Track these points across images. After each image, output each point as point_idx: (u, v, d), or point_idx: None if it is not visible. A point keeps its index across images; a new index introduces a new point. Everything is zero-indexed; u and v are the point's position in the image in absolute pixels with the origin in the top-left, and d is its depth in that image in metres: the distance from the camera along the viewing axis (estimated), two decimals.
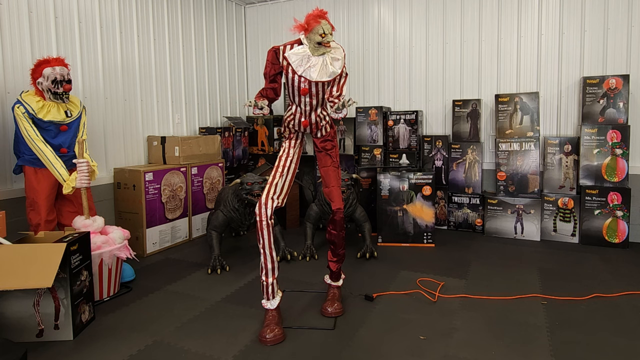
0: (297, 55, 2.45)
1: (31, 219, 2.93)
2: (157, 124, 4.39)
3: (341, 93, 2.48)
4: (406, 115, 4.55)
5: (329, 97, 2.48)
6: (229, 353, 2.23)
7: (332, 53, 2.46)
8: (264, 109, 2.41)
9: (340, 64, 2.48)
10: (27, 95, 2.86)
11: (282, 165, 2.55)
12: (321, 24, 2.37)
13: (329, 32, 2.38)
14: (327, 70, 2.44)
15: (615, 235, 3.85)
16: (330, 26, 2.39)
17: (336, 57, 2.48)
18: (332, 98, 2.46)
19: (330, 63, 2.45)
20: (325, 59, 2.44)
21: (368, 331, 2.44)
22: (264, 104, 2.41)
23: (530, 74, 4.32)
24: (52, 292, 2.35)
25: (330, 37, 2.39)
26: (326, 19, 2.40)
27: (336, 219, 2.54)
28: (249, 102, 2.39)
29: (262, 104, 2.39)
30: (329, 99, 2.47)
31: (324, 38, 2.38)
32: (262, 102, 2.41)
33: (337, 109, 2.32)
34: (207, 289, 3.04)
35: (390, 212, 4.02)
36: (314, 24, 2.37)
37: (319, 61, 2.44)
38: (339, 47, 2.52)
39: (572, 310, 2.64)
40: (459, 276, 3.22)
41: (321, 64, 2.44)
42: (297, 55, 2.45)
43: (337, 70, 2.46)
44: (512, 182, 4.22)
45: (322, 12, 2.40)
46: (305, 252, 3.67)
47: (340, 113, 2.36)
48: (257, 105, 2.38)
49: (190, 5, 4.79)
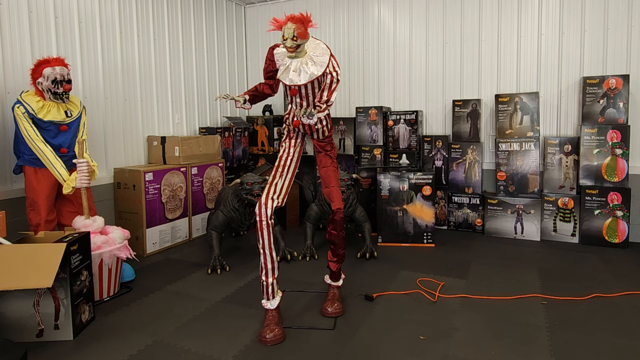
0: (279, 54, 2.46)
1: (31, 219, 2.93)
2: (157, 124, 4.39)
3: (329, 99, 2.40)
4: (406, 115, 4.55)
5: (317, 100, 2.44)
6: (229, 353, 2.23)
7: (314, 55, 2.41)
8: (244, 104, 2.41)
9: (321, 67, 2.39)
10: (27, 95, 2.86)
11: (282, 165, 2.56)
12: (285, 26, 2.28)
13: (289, 36, 2.28)
14: (303, 73, 2.38)
15: (615, 235, 3.85)
16: (293, 31, 2.26)
17: (318, 60, 2.40)
18: (317, 102, 2.41)
19: (308, 65, 2.39)
20: (301, 61, 2.39)
21: (368, 331, 2.44)
22: (244, 98, 2.40)
23: (530, 74, 4.32)
24: (52, 292, 2.35)
25: (290, 41, 2.29)
26: (297, 22, 2.28)
27: (336, 219, 2.54)
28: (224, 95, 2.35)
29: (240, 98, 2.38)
30: (316, 102, 2.43)
31: (284, 41, 2.32)
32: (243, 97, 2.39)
33: (308, 113, 2.23)
34: (207, 289, 3.04)
35: (390, 212, 4.02)
36: (282, 25, 2.31)
37: (293, 63, 2.40)
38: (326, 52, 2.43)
39: (572, 310, 2.64)
40: (459, 276, 3.22)
41: (295, 67, 2.39)
42: (279, 55, 2.45)
43: (316, 72, 2.38)
44: (512, 182, 4.22)
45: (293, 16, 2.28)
46: (305, 252, 3.67)
47: (311, 120, 2.30)
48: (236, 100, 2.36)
49: (190, 5, 4.79)
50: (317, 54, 2.43)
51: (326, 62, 2.41)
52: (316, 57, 2.42)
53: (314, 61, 2.41)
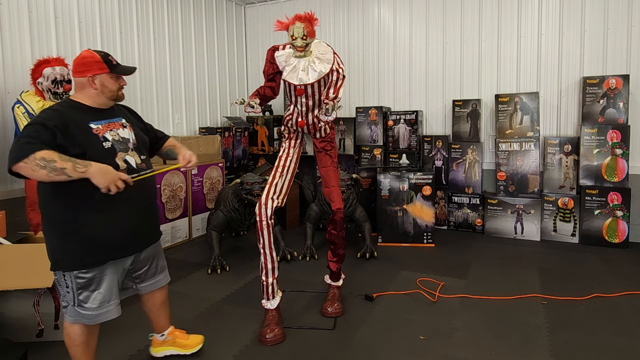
0: (282, 56, 2.46)
1: (31, 219, 2.93)
2: (157, 124, 4.38)
3: (337, 95, 2.42)
4: (406, 115, 4.55)
5: (324, 98, 2.45)
6: (229, 353, 2.23)
7: (319, 53, 2.43)
8: (255, 107, 2.41)
9: (328, 64, 2.42)
10: (27, 95, 2.86)
11: (282, 165, 2.56)
12: (294, 26, 2.32)
13: (299, 35, 2.32)
14: (311, 72, 2.40)
15: (615, 235, 3.85)
16: (303, 29, 2.32)
17: (324, 57, 2.43)
18: (326, 100, 2.42)
19: (315, 63, 2.40)
20: (308, 60, 2.41)
21: (368, 331, 2.44)
22: (255, 102, 2.40)
23: (530, 74, 4.32)
24: (52, 292, 2.35)
25: (300, 41, 2.33)
26: (305, 21, 2.33)
27: (336, 219, 2.54)
28: (240, 100, 2.36)
29: (253, 103, 2.38)
30: (324, 100, 2.44)
31: (294, 41, 2.35)
32: (254, 100, 2.40)
33: (326, 111, 2.26)
34: (207, 289, 3.04)
35: (390, 212, 4.02)
36: (289, 25, 2.34)
37: (300, 63, 2.41)
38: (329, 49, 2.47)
39: (572, 310, 2.64)
40: (459, 276, 3.22)
41: (303, 66, 2.41)
42: (282, 57, 2.46)
43: (324, 70, 2.41)
44: (512, 182, 4.22)
45: (300, 15, 2.34)
46: (305, 252, 3.67)
47: (329, 116, 2.32)
48: (249, 104, 2.37)
49: (190, 5, 4.79)
50: (322, 51, 2.45)
51: (332, 59, 2.44)
52: (322, 54, 2.44)
53: (321, 59, 2.43)
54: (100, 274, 1.74)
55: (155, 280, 2.06)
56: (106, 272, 1.76)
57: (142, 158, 1.86)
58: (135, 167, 1.80)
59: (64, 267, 1.70)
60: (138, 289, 2.02)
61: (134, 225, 1.81)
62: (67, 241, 1.68)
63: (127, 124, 1.86)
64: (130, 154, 1.80)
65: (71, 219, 1.68)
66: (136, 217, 1.82)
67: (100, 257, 1.72)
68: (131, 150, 1.81)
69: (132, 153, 1.81)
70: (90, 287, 1.73)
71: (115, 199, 1.69)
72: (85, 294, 1.72)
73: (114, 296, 1.80)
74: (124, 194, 1.70)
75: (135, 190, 1.75)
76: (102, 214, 1.70)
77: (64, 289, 1.74)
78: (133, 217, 1.80)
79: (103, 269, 1.75)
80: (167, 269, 2.16)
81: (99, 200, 1.67)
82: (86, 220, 1.68)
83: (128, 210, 1.78)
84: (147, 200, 1.90)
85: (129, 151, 1.80)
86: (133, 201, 1.79)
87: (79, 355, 1.83)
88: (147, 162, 1.89)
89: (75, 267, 1.69)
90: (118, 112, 1.87)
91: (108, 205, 1.70)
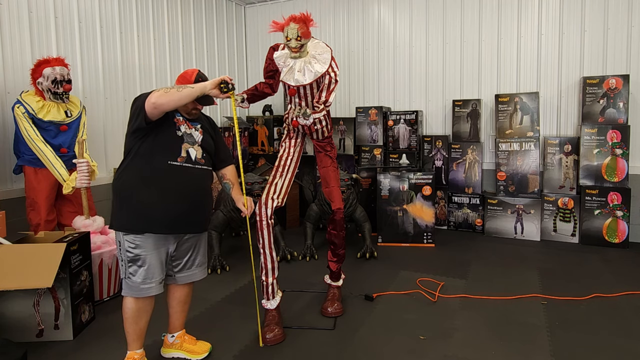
0: (280, 57, 2.45)
1: (31, 219, 2.93)
2: None
3: (327, 100, 2.41)
4: (406, 115, 4.55)
5: (315, 101, 2.44)
6: (229, 353, 2.23)
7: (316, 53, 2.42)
8: (241, 102, 2.42)
9: (324, 64, 2.41)
10: (27, 95, 2.86)
11: (282, 165, 2.56)
12: (288, 27, 2.30)
13: (293, 36, 2.30)
14: (307, 72, 2.39)
15: (615, 235, 3.85)
16: (297, 31, 2.29)
17: (321, 57, 2.41)
18: (316, 103, 2.41)
19: (312, 63, 2.39)
20: (304, 60, 2.39)
21: (368, 331, 2.44)
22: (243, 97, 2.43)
23: (530, 74, 4.32)
24: (52, 292, 2.35)
25: (294, 42, 2.31)
26: (300, 22, 2.30)
27: (336, 219, 2.54)
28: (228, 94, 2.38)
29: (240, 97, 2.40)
30: (314, 103, 2.44)
31: (288, 42, 2.33)
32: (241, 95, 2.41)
33: (303, 114, 2.27)
34: (207, 289, 3.04)
35: (390, 212, 4.02)
36: (284, 26, 2.33)
37: (296, 64, 2.40)
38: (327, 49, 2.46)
39: (572, 310, 2.64)
40: (459, 276, 3.22)
41: (299, 67, 2.39)
42: (280, 58, 2.45)
43: (320, 70, 2.39)
44: (512, 182, 4.22)
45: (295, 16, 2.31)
46: (305, 252, 3.67)
47: (307, 120, 2.32)
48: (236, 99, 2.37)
49: (190, 5, 4.79)
50: (319, 52, 2.44)
51: (329, 59, 2.44)
52: (319, 55, 2.43)
53: (317, 59, 2.42)
54: (145, 252, 1.98)
55: (191, 273, 2.22)
56: (151, 252, 1.99)
57: (204, 155, 2.10)
58: (194, 160, 2.05)
59: (114, 226, 1.99)
60: (175, 278, 2.19)
61: (179, 209, 2.00)
62: (121, 208, 1.98)
63: (201, 129, 2.14)
64: (194, 147, 2.07)
65: (128, 192, 1.97)
66: (183, 203, 2.01)
67: (140, 226, 1.95)
68: (197, 145, 2.08)
69: (197, 147, 2.08)
70: (137, 262, 1.98)
71: (170, 183, 1.96)
72: (133, 267, 1.98)
73: (156, 275, 2.01)
74: (179, 180, 1.98)
75: (189, 181, 2.02)
76: (154, 192, 1.94)
77: (120, 258, 2.01)
78: (180, 202, 2.00)
79: (147, 248, 1.97)
80: (205, 265, 2.32)
81: (154, 180, 1.95)
82: (139, 194, 1.95)
83: (177, 195, 1.99)
84: (199, 192, 2.09)
85: (194, 145, 2.07)
86: (185, 188, 2.01)
87: (127, 329, 2.05)
88: (207, 160, 2.13)
89: (121, 228, 1.97)
90: (199, 120, 2.17)
91: (161, 186, 1.95)
